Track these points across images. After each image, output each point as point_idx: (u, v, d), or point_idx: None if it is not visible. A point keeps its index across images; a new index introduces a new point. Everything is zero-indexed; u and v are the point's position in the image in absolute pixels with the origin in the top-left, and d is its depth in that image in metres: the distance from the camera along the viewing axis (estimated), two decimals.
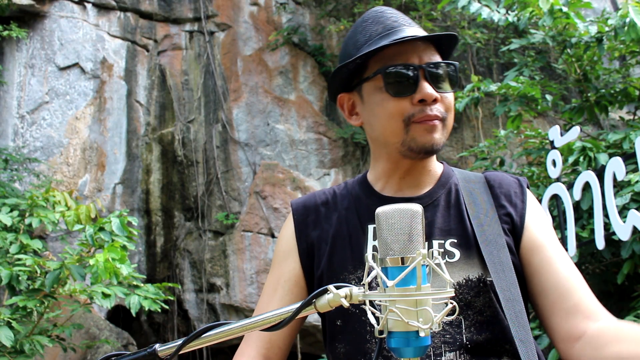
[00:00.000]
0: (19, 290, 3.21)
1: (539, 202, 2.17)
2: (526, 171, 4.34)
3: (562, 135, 3.43)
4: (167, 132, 7.19)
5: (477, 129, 7.11)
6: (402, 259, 0.71)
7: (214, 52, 7.54)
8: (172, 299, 4.09)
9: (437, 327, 0.70)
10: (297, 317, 0.77)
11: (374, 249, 1.11)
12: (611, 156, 3.23)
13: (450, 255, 1.09)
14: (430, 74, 1.08)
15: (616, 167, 2.91)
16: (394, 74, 1.08)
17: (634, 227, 2.75)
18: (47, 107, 6.69)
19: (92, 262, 2.95)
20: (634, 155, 2.96)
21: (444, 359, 1.02)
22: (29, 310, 3.16)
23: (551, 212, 3.61)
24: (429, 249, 0.71)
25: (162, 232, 6.91)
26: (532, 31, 4.50)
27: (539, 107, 4.53)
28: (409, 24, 1.13)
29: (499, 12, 4.34)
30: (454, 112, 1.15)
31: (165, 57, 7.44)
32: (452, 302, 0.73)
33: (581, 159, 3.56)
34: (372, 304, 0.75)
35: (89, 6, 7.13)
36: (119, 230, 3.16)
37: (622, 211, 3.07)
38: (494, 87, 4.30)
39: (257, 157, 7.10)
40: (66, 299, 3.54)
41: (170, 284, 3.76)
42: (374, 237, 1.13)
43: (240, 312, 6.49)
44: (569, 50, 4.30)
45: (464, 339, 1.04)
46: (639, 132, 3.66)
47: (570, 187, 3.34)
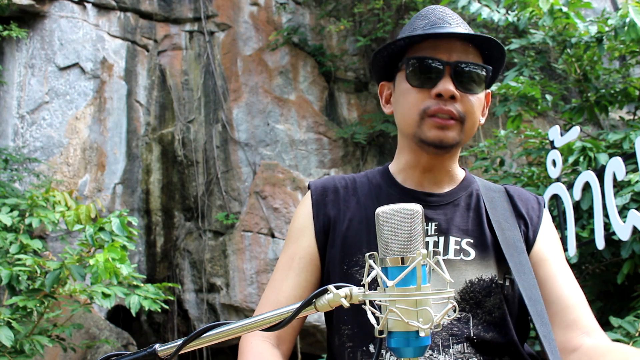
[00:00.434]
0: (19, 290, 3.20)
1: None
2: (526, 171, 4.33)
3: (562, 135, 3.43)
4: (167, 132, 7.19)
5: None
6: (402, 259, 0.71)
7: (214, 52, 7.54)
8: (172, 299, 4.08)
9: (437, 327, 0.70)
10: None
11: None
12: (611, 156, 3.23)
13: (465, 253, 1.11)
14: (456, 72, 1.09)
15: (616, 167, 2.91)
16: (418, 66, 1.10)
17: (634, 227, 2.75)
18: (47, 107, 6.69)
19: (92, 262, 2.95)
20: (634, 155, 2.96)
21: (452, 350, 1.04)
22: (29, 310, 3.15)
23: (551, 212, 3.61)
24: (444, 245, 0.71)
25: (162, 232, 6.91)
26: (532, 31, 4.50)
27: (539, 107, 4.53)
28: (457, 23, 1.13)
29: (499, 12, 4.33)
30: (477, 115, 1.16)
31: (165, 57, 7.44)
32: (451, 302, 0.73)
33: (581, 159, 3.56)
34: (372, 303, 0.75)
35: (89, 6, 7.12)
36: (119, 230, 3.15)
37: (622, 211, 3.07)
38: (494, 87, 4.30)
39: (257, 157, 7.10)
40: (66, 299, 3.53)
41: (170, 284, 3.76)
42: None
43: (240, 312, 6.49)
44: (569, 50, 4.30)
45: (471, 334, 1.06)
46: (639, 132, 3.66)
47: (570, 187, 3.34)
